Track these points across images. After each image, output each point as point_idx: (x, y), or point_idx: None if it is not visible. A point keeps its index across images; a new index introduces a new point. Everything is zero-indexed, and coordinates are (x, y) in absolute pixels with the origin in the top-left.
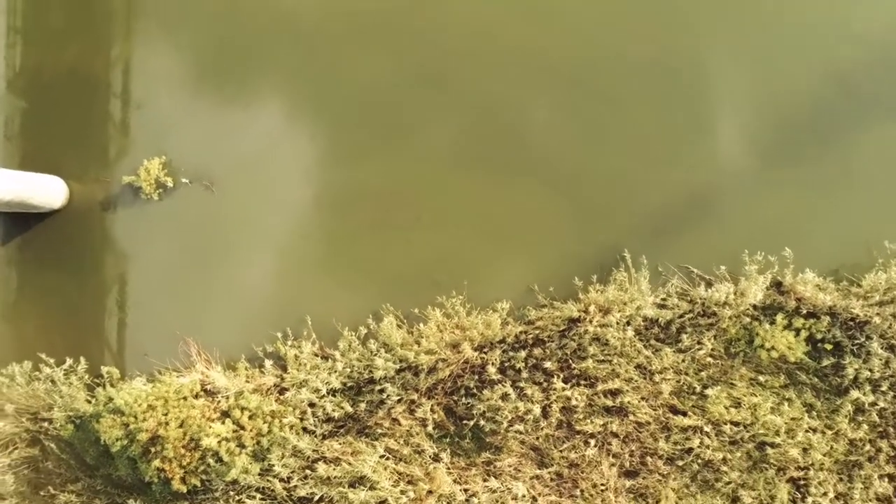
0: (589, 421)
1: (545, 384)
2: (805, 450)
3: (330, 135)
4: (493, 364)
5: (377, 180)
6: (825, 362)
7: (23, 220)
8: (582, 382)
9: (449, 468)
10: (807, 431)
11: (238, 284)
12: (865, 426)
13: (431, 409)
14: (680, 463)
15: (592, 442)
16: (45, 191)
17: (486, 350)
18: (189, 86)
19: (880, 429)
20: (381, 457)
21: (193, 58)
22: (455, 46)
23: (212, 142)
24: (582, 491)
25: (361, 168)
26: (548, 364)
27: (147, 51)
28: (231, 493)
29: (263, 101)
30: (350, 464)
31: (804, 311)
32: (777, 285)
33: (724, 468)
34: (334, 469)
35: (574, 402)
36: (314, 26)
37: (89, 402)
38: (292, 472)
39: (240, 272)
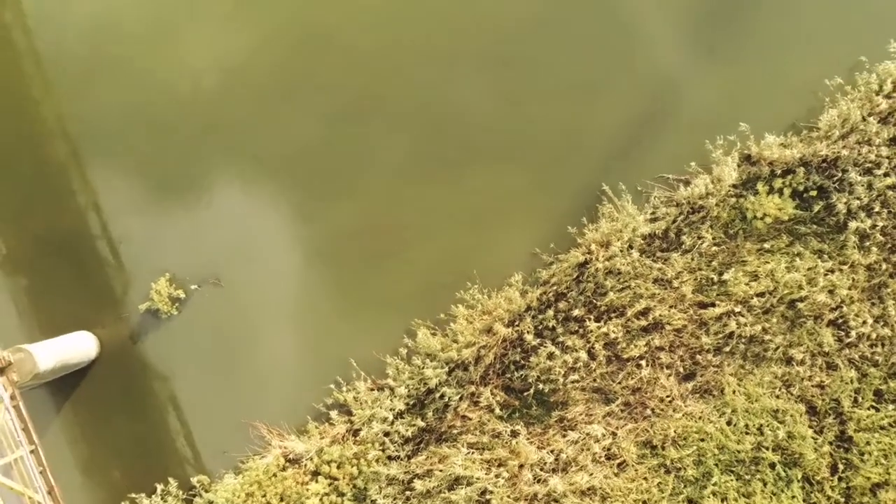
0: (632, 346)
1: (581, 330)
2: (830, 291)
3: (292, 196)
4: (528, 332)
5: (352, 220)
6: (816, 208)
7: (69, 381)
8: (612, 316)
9: (529, 438)
10: (826, 275)
11: (277, 358)
12: (874, 248)
13: (491, 394)
14: (727, 349)
15: (643, 363)
16: (78, 347)
17: (517, 323)
18: (153, 206)
19: (888, 245)
20: (466, 453)
21: (145, 181)
22: (370, 71)
23: (198, 244)
24: (652, 409)
25: (333, 214)
26: (576, 312)
27: (106, 188)
28: None
29: (221, 192)
30: (441, 470)
31: (779, 172)
32: (746, 159)
33: (767, 337)
34: (429, 481)
35: (612, 335)
36: (230, 108)
37: None
38: (394, 500)
39: (275, 346)
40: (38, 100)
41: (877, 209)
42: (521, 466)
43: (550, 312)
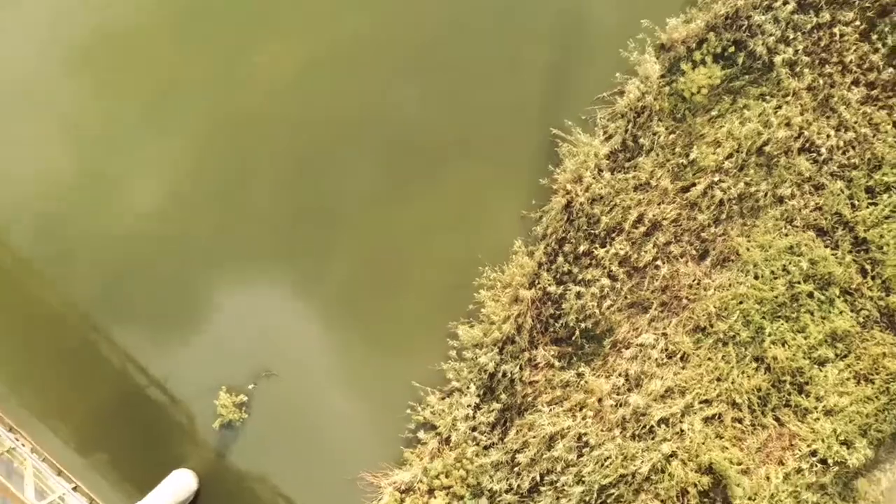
0: (643, 252)
1: (593, 261)
2: (787, 124)
3: (289, 272)
4: (549, 284)
5: (350, 265)
6: (740, 60)
7: None
8: (613, 236)
9: (595, 374)
10: (776, 112)
11: (350, 411)
12: (806, 70)
13: (545, 352)
14: (724, 216)
15: (659, 263)
16: (180, 485)
17: (536, 282)
18: (177, 337)
19: (816, 61)
20: (549, 412)
21: (159, 319)
22: (306, 128)
23: (233, 349)
24: (687, 298)
25: (333, 268)
26: (581, 248)
27: (130, 342)
28: None
29: (227, 298)
30: (534, 436)
31: (694, 46)
32: (661, 48)
33: (752, 189)
34: (529, 450)
35: (622, 252)
36: (196, 224)
37: None
38: (507, 480)
39: (343, 402)
40: (36, 293)
41: (791, 36)
42: (599, 400)
43: (560, 259)
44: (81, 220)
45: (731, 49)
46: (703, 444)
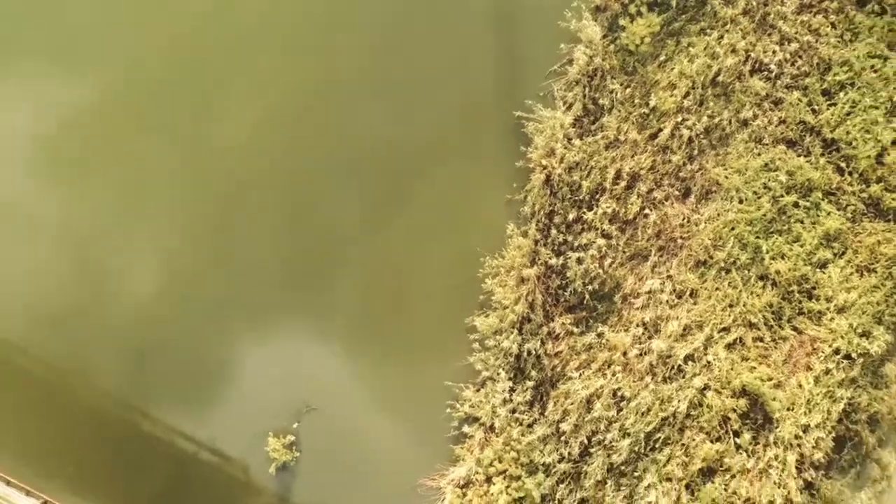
0: (629, 205)
1: (584, 226)
2: (733, 51)
3: (298, 312)
4: (549, 258)
5: (355, 294)
6: (674, 3)
7: None
8: (597, 197)
9: (613, 330)
10: (719, 42)
11: (396, 424)
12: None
13: (561, 321)
14: (696, 152)
15: (647, 211)
16: None
17: (536, 259)
18: (214, 397)
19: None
20: (579, 377)
21: (193, 389)
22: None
23: (269, 393)
24: (681, 237)
25: (339, 301)
26: (570, 216)
27: (173, 415)
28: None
29: (251, 347)
30: (572, 403)
31: (627, 1)
32: (597, 10)
33: (716, 119)
34: (570, 418)
35: (609, 210)
36: (201, 289)
37: None
38: (556, 451)
39: (387, 419)
40: (69, 393)
41: None
42: (624, 354)
43: (554, 231)
44: (92, 314)
45: None
46: (732, 369)
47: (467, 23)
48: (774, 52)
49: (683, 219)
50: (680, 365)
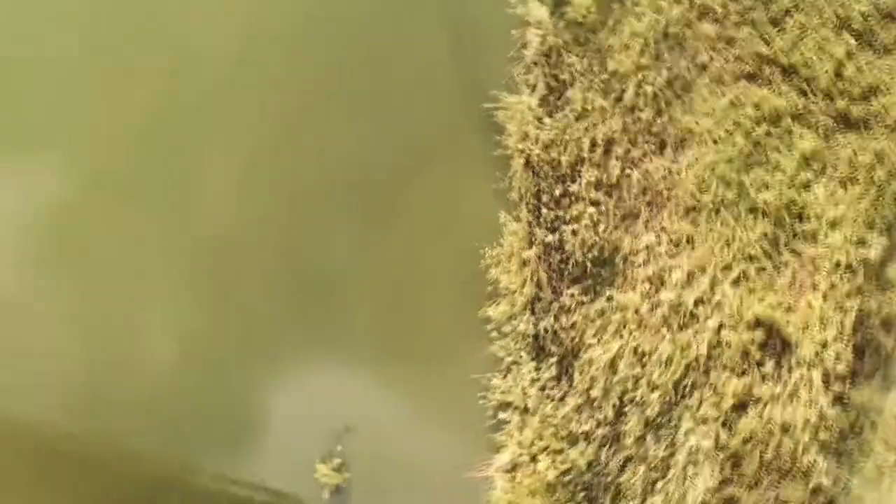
0: (610, 170)
1: (572, 198)
2: (677, 1)
3: (314, 344)
4: (545, 236)
5: (365, 315)
6: None
7: None
8: (578, 169)
9: (621, 291)
10: None
11: (435, 425)
12: None
13: (569, 293)
14: (662, 105)
15: (628, 170)
16: None
17: (533, 239)
18: (249, 442)
19: None
20: (598, 343)
21: (229, 440)
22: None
23: (304, 427)
24: (667, 188)
25: (352, 324)
26: (557, 191)
27: (215, 464)
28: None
29: (269, 388)
30: (597, 369)
31: None
32: None
33: (675, 70)
34: (598, 384)
35: (592, 178)
36: (212, 345)
37: None
38: (592, 418)
39: (427, 418)
40: (106, 463)
41: None
42: (636, 311)
43: (544, 210)
44: (115, 395)
45: None
46: (742, 304)
47: (420, 33)
48: None
49: (665, 171)
50: (692, 310)
